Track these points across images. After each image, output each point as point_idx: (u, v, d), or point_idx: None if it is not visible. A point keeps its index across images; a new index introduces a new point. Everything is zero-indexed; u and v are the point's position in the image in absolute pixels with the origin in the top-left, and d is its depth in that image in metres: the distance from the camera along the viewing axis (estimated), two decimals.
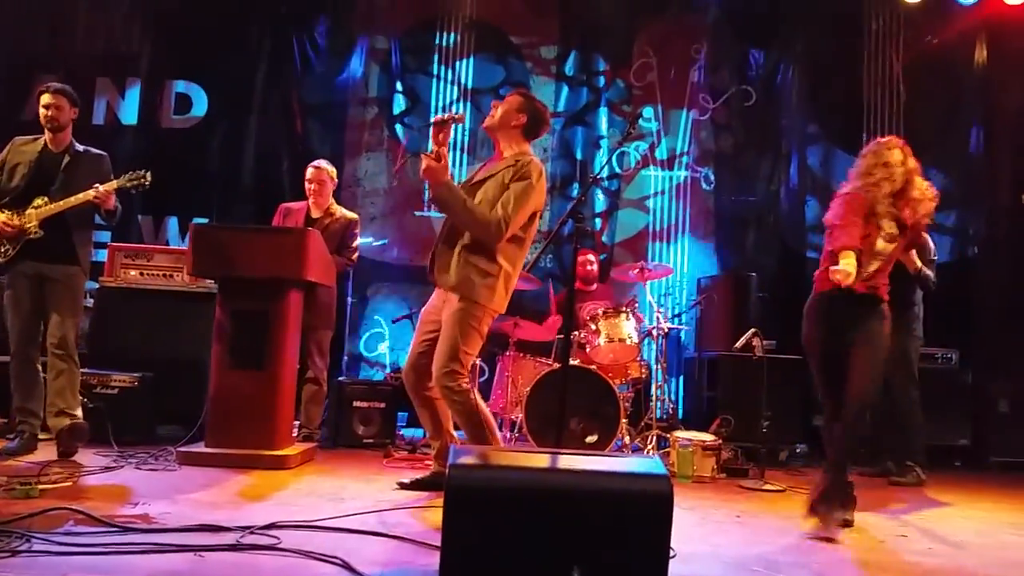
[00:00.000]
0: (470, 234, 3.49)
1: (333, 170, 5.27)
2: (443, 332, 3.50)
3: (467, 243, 3.49)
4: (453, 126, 3.60)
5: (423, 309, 3.74)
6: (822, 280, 3.53)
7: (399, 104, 6.89)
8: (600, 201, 6.89)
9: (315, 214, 5.16)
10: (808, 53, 6.90)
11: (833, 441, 3.52)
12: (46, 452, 4.15)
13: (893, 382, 4.83)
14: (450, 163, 3.66)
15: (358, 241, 5.27)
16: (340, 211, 5.25)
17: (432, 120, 3.61)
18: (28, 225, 4.12)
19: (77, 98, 4.36)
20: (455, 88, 6.88)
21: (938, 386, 5.53)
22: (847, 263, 3.28)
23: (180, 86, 6.85)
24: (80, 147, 4.34)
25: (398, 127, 6.88)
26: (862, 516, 3.73)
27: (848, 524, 3.48)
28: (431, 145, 3.60)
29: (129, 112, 6.80)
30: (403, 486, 3.79)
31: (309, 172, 5.19)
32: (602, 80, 7.00)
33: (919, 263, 4.49)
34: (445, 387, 3.44)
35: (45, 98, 4.24)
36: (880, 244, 3.49)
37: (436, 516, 2.92)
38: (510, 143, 3.62)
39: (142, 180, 4.24)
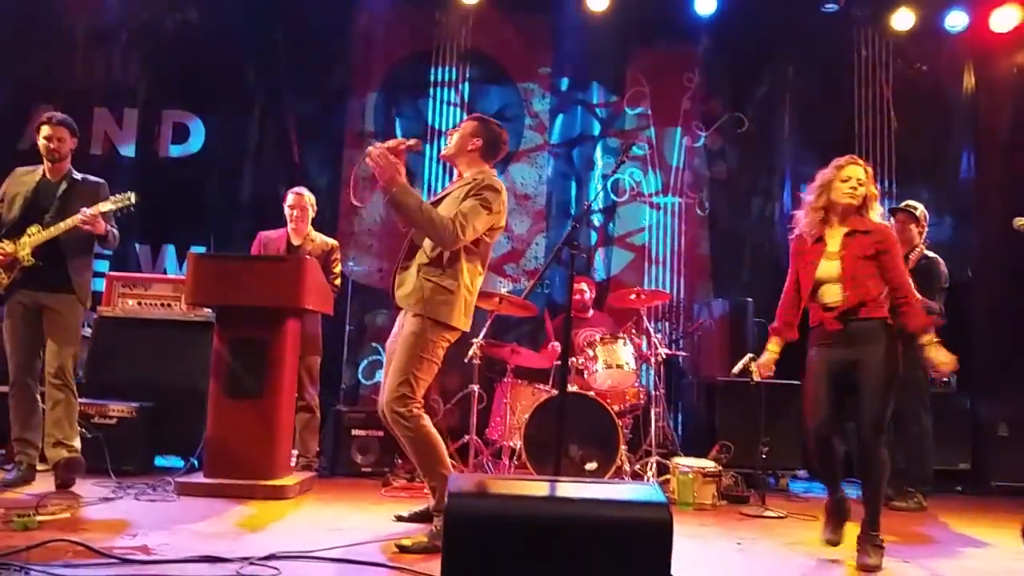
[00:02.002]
0: (426, 238, 3.40)
1: (312, 197, 5.32)
2: (396, 356, 3.43)
3: (425, 261, 3.43)
4: (407, 154, 3.53)
5: (388, 342, 3.67)
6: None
7: (397, 135, 6.93)
8: (595, 228, 6.92)
9: (295, 241, 5.20)
10: (799, 80, 6.98)
11: (830, 459, 3.46)
12: (44, 483, 4.13)
13: (904, 409, 4.83)
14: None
15: (339, 267, 5.30)
16: (319, 237, 5.28)
17: (386, 144, 3.46)
18: (21, 254, 4.12)
19: (76, 128, 4.40)
20: (450, 120, 6.93)
21: (937, 410, 5.52)
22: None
23: (178, 116, 6.89)
24: (78, 175, 4.36)
25: None
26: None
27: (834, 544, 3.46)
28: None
29: (127, 142, 6.84)
30: (400, 519, 3.77)
31: (290, 199, 5.23)
32: (595, 109, 7.07)
33: None
34: (393, 411, 3.34)
35: (46, 129, 4.27)
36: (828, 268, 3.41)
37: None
38: (468, 167, 3.59)
39: (127, 202, 4.24)
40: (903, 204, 5.29)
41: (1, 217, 4.23)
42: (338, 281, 5.25)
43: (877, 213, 3.54)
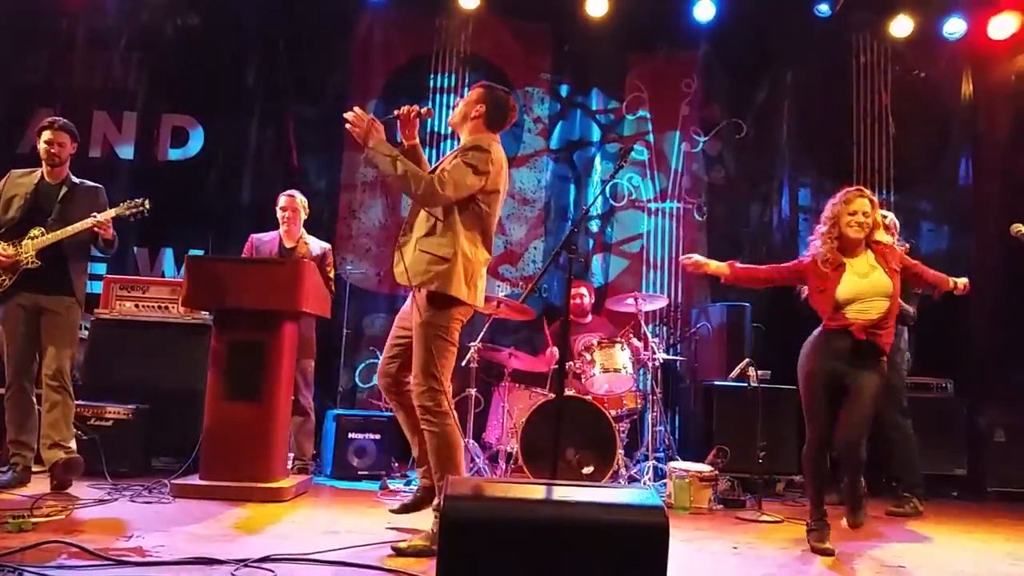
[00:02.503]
0: (405, 194, 3.33)
1: (304, 200, 5.32)
2: (414, 348, 3.38)
3: (421, 234, 3.36)
4: (419, 122, 3.47)
5: (398, 315, 3.62)
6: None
7: (390, 135, 6.92)
8: (593, 233, 6.92)
9: (288, 243, 5.20)
10: (798, 86, 7.00)
11: (818, 471, 3.74)
12: (39, 485, 4.12)
13: (883, 416, 4.88)
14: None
15: (333, 271, 5.30)
16: (313, 240, 5.29)
17: (396, 113, 3.41)
18: (24, 256, 4.14)
19: (77, 133, 4.41)
20: (443, 129, 6.93)
21: (933, 416, 5.55)
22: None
23: (177, 120, 6.90)
24: (76, 179, 4.38)
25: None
26: (859, 547, 3.73)
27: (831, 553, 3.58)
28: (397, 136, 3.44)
29: (126, 145, 6.85)
30: (395, 511, 3.74)
31: (282, 200, 5.23)
32: (595, 114, 7.08)
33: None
34: (423, 407, 3.29)
35: (47, 134, 4.28)
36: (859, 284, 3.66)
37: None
38: (471, 134, 3.49)
39: (141, 208, 4.27)
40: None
41: None
42: (332, 285, 5.25)
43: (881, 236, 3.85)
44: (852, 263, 3.70)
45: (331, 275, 5.25)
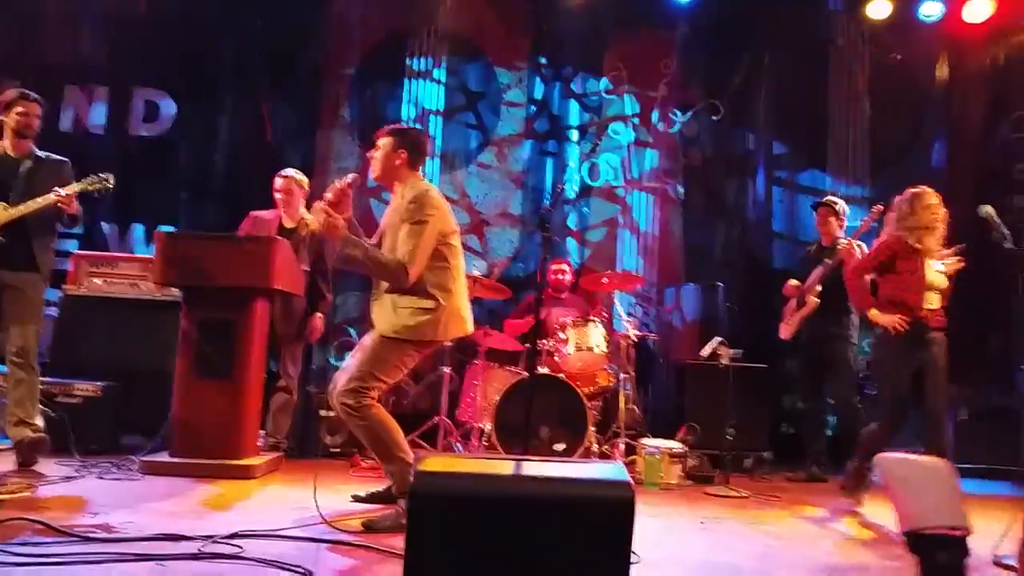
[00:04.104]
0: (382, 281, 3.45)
1: (304, 179, 5.21)
2: (361, 353, 3.43)
3: (390, 289, 3.43)
4: (351, 190, 3.52)
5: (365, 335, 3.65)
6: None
7: (366, 114, 6.87)
8: (572, 213, 6.92)
9: (288, 224, 5.11)
10: (775, 68, 7.00)
11: (877, 438, 4.13)
12: (4, 462, 4.08)
13: (836, 390, 5.05)
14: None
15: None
16: (314, 222, 5.21)
17: (326, 199, 3.44)
18: None
19: (44, 107, 4.34)
20: (423, 107, 6.88)
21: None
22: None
23: (149, 94, 6.79)
24: (41, 153, 4.30)
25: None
26: (819, 521, 3.79)
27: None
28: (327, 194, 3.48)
29: (97, 120, 6.73)
30: (358, 499, 3.76)
31: (278, 182, 5.13)
32: (573, 93, 7.05)
33: None
34: (343, 403, 3.30)
35: (21, 105, 4.20)
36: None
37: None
38: (401, 182, 3.55)
39: (104, 183, 4.19)
40: (825, 199, 5.57)
41: None
42: (328, 276, 5.18)
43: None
44: (929, 254, 4.21)
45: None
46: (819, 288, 5.13)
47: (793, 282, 5.34)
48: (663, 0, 6.85)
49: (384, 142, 3.57)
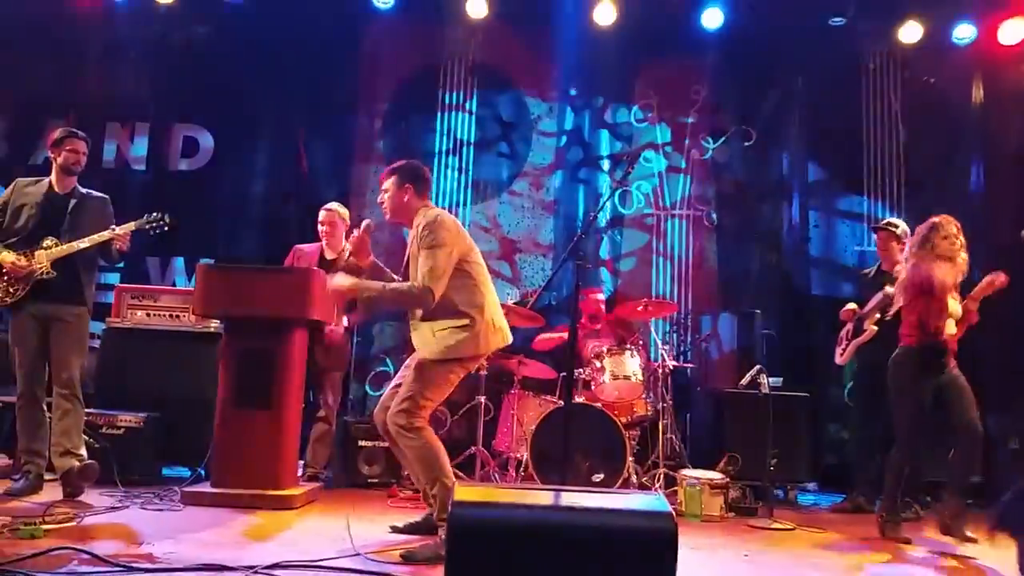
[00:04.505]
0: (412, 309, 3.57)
1: (345, 212, 5.32)
2: (409, 375, 3.52)
3: (424, 316, 3.54)
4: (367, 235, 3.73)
5: (410, 358, 3.72)
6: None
7: (400, 146, 6.97)
8: (605, 241, 6.92)
9: (329, 255, 5.19)
10: (807, 93, 6.97)
11: (898, 465, 4.16)
12: (51, 492, 4.14)
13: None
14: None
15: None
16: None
17: (349, 251, 3.72)
18: (39, 266, 4.17)
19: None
20: (455, 139, 6.96)
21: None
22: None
23: (188, 130, 6.96)
24: (83, 190, 4.43)
25: None
26: (862, 554, 3.69)
27: (973, 540, 3.87)
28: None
29: (138, 155, 6.91)
30: (396, 530, 3.76)
31: (321, 215, 5.24)
32: (604, 121, 7.09)
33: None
34: (396, 424, 3.42)
35: (72, 143, 4.34)
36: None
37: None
38: (414, 213, 3.66)
39: (161, 222, 4.35)
40: (884, 222, 5.38)
41: (2, 226, 4.28)
42: None
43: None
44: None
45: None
46: (877, 316, 5.03)
47: (851, 306, 5.22)
48: (692, 27, 6.87)
49: (388, 183, 3.70)
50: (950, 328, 4.19)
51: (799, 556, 3.69)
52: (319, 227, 5.21)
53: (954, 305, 4.22)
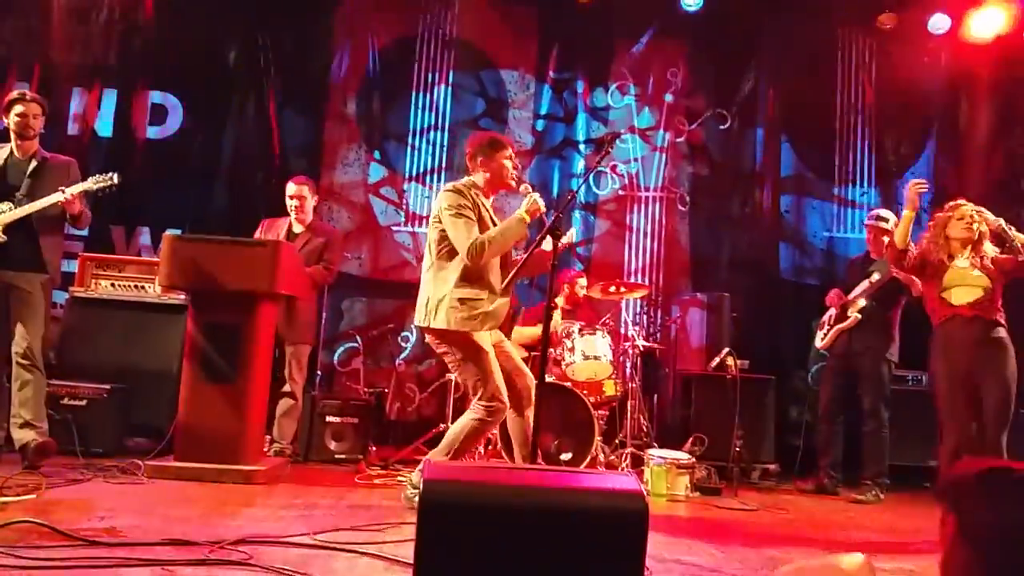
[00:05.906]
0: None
1: (312, 186, 5.26)
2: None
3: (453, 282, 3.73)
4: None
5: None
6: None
7: (372, 120, 6.88)
8: (578, 221, 6.91)
9: (297, 230, 5.13)
10: (782, 79, 7.01)
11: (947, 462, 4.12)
12: (10, 464, 4.06)
13: (866, 404, 4.97)
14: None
15: (333, 256, 5.21)
16: (321, 226, 5.26)
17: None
18: None
19: (46, 106, 4.33)
20: (432, 115, 6.89)
21: (908, 408, 5.60)
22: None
23: (156, 97, 6.80)
24: (47, 154, 4.30)
25: (376, 153, 6.89)
26: (829, 533, 3.76)
27: None
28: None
29: (104, 122, 6.74)
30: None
31: (290, 189, 5.16)
32: (580, 101, 7.05)
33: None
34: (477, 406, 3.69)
35: (19, 107, 4.19)
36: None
37: (408, 532, 2.91)
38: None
39: (110, 182, 4.20)
40: (873, 215, 5.40)
41: None
42: (334, 267, 5.18)
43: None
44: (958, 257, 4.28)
45: (329, 259, 5.14)
46: (862, 303, 5.07)
47: (837, 291, 5.27)
48: (671, 8, 6.85)
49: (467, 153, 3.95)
50: (958, 297, 4.16)
51: (762, 536, 3.74)
52: (288, 201, 5.13)
53: (961, 273, 4.19)
